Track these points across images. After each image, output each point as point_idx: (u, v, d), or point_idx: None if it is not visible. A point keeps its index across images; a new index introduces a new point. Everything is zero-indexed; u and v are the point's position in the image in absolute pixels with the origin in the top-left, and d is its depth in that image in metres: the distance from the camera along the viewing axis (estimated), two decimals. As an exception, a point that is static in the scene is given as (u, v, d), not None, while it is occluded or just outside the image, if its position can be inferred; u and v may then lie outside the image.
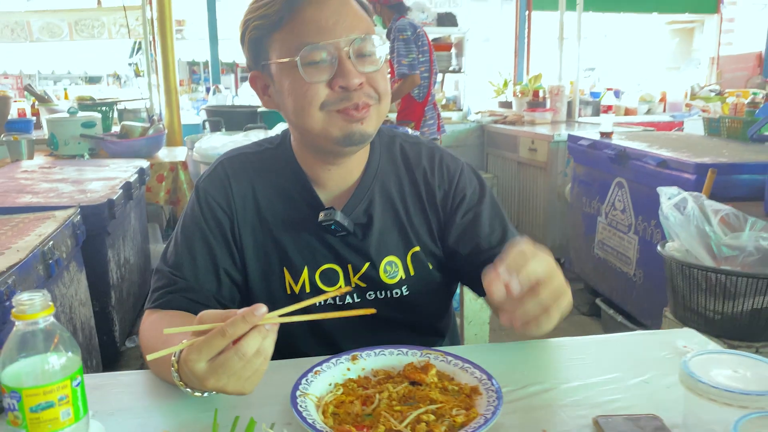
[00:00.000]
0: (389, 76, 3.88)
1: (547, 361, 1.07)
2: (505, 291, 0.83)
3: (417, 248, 1.18)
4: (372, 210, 1.16)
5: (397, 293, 1.17)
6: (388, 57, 1.07)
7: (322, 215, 1.10)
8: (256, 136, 2.61)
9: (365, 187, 1.16)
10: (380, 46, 1.03)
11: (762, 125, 2.33)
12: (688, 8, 9.20)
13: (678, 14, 10.63)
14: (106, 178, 2.95)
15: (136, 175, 3.09)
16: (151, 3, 5.00)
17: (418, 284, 1.18)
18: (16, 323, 0.70)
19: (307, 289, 1.15)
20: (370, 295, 1.16)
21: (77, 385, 0.71)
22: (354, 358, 0.99)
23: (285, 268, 1.15)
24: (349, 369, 0.97)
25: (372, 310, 0.90)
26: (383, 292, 1.17)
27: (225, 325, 0.77)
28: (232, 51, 11.39)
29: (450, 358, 0.98)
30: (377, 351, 1.01)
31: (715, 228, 1.99)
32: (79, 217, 2.31)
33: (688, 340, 1.09)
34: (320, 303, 1.11)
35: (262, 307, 0.78)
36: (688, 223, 2.01)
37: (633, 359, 1.04)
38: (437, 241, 1.20)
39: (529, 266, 0.84)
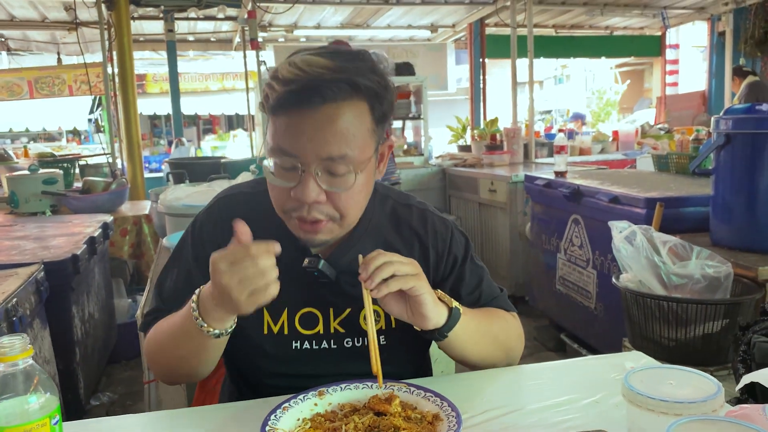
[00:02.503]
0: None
1: (506, 387, 1.13)
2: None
3: None
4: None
5: None
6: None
7: (306, 261, 1.11)
8: (219, 186, 2.65)
9: (354, 239, 1.16)
10: (361, 171, 1.03)
11: (702, 159, 2.47)
12: (633, 52, 9.66)
13: (625, 58, 11.14)
14: (69, 233, 2.94)
15: (100, 230, 3.09)
16: (112, 60, 5.07)
17: (397, 336, 1.18)
18: (-3, 365, 0.73)
19: (285, 331, 1.15)
20: (347, 342, 1.16)
21: (56, 423, 0.74)
22: (321, 394, 1.02)
23: (264, 308, 1.14)
24: (316, 404, 1.01)
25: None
26: (360, 339, 1.16)
27: (250, 245, 0.94)
28: (194, 104, 11.50)
29: (413, 388, 1.03)
30: (343, 386, 1.05)
31: (665, 258, 2.09)
32: (42, 273, 2.31)
33: (635, 362, 1.16)
34: (296, 347, 1.15)
35: (277, 245, 0.95)
36: (638, 255, 2.10)
37: (585, 382, 1.10)
38: None
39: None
